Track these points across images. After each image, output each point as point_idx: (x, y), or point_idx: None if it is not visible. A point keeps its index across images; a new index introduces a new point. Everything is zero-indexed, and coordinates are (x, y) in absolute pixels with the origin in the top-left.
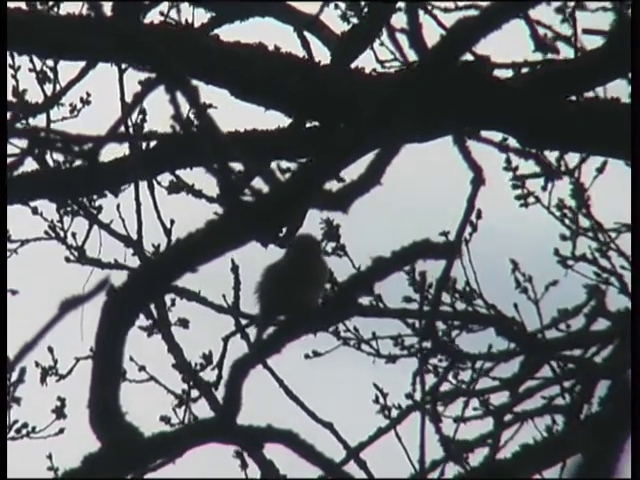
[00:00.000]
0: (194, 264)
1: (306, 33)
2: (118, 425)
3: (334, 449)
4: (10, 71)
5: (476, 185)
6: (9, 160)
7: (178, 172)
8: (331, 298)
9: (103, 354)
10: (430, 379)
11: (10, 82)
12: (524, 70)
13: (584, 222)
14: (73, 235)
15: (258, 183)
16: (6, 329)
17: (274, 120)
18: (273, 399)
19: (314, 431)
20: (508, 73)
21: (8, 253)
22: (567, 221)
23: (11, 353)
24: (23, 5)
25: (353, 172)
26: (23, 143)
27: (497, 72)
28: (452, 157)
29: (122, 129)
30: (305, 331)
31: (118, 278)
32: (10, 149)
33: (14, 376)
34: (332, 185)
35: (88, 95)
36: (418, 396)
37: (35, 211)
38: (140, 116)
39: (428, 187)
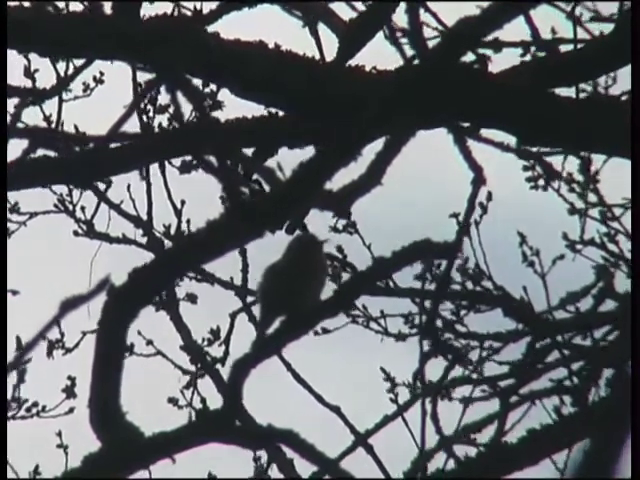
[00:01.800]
0: (196, 263)
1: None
2: (118, 425)
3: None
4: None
5: (477, 185)
6: (9, 159)
7: None
8: (331, 297)
9: (104, 353)
10: (434, 366)
11: (22, 62)
12: (533, 49)
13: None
14: (82, 209)
15: (259, 182)
16: (6, 329)
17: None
18: (281, 381)
19: (321, 413)
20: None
21: (17, 226)
22: (575, 197)
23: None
24: (23, 3)
25: (353, 172)
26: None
27: (504, 54)
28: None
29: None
30: (306, 330)
31: (125, 253)
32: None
33: (14, 376)
34: (333, 185)
35: (101, 74)
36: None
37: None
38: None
39: (431, 182)
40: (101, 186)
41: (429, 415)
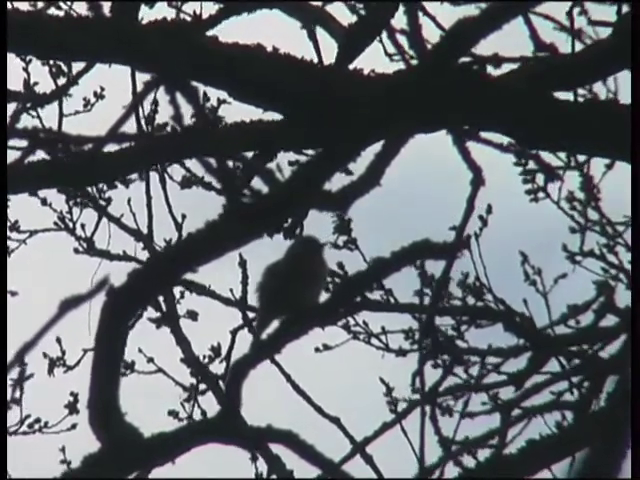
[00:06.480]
0: (194, 264)
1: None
2: (118, 425)
3: (341, 443)
4: (21, 64)
5: (476, 185)
6: (9, 160)
7: (189, 164)
8: (330, 297)
9: (103, 354)
10: (434, 375)
11: (21, 75)
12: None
13: (593, 215)
14: (82, 226)
15: (258, 183)
16: (6, 329)
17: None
18: (280, 392)
19: (321, 425)
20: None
21: (17, 244)
22: (576, 214)
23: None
24: (22, 5)
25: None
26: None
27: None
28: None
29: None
30: (305, 330)
31: (126, 270)
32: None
33: (14, 376)
34: (332, 185)
35: (102, 89)
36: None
37: (44, 202)
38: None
39: (431, 185)
40: (101, 202)
41: (428, 416)
